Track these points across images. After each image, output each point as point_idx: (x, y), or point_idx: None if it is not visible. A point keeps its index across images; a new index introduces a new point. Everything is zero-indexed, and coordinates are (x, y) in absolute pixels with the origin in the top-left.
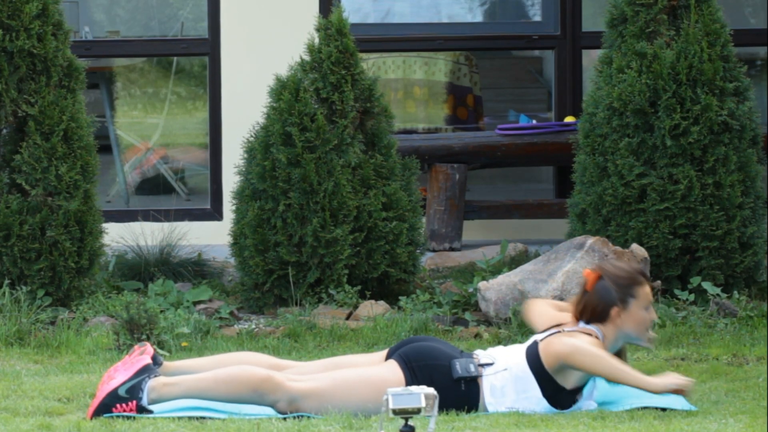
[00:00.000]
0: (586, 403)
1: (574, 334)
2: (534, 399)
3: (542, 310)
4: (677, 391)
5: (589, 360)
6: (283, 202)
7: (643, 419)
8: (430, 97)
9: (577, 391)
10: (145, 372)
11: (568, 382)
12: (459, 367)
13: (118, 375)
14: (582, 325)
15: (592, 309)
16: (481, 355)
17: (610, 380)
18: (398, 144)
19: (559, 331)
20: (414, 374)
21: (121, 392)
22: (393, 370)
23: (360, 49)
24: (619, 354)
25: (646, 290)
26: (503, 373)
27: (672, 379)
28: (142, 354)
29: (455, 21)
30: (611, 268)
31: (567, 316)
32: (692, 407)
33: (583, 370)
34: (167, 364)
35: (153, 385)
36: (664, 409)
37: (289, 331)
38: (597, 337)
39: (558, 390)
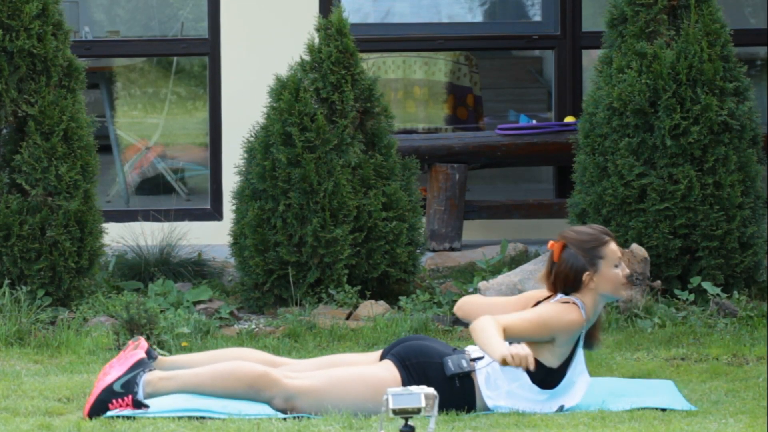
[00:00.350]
0: (580, 377)
1: (545, 305)
2: (526, 385)
3: (494, 301)
4: (506, 363)
5: (475, 337)
6: (283, 202)
7: (643, 419)
8: (430, 97)
9: (565, 366)
10: (139, 366)
11: (550, 360)
12: (451, 364)
13: (113, 371)
14: (560, 296)
15: (564, 278)
16: (472, 350)
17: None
18: (398, 144)
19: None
20: (409, 372)
21: (117, 387)
22: (388, 368)
23: (360, 49)
24: (597, 321)
25: (612, 248)
26: (493, 365)
27: (505, 350)
28: (136, 348)
29: (455, 21)
30: (574, 235)
31: (544, 292)
32: (692, 407)
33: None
34: (163, 359)
35: (148, 379)
36: (664, 410)
37: (289, 331)
38: (575, 305)
39: (546, 372)
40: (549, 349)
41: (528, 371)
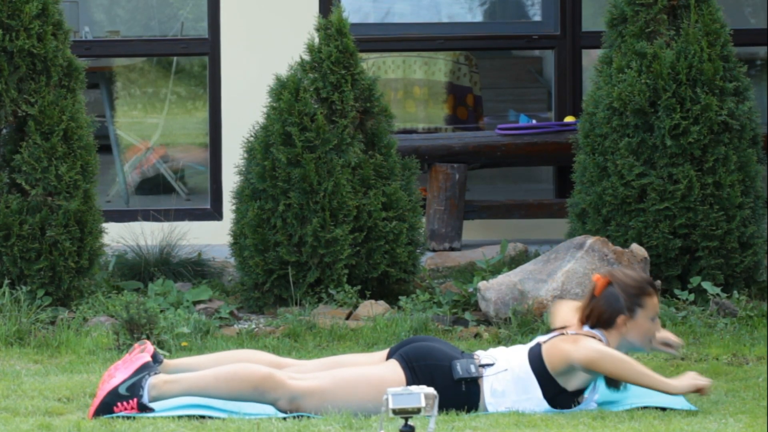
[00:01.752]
0: (587, 404)
1: (578, 337)
2: (535, 400)
3: (562, 313)
4: (698, 391)
5: (616, 365)
6: (283, 202)
7: (643, 419)
8: (430, 96)
9: (579, 392)
10: (145, 369)
11: (571, 384)
12: (460, 367)
13: (118, 373)
14: (586, 329)
15: (599, 315)
16: (482, 355)
17: (635, 384)
18: (398, 144)
19: (562, 334)
20: (415, 374)
21: (122, 390)
22: (394, 369)
23: (360, 49)
24: None
25: (654, 301)
26: (504, 374)
27: (689, 380)
28: (143, 352)
29: (455, 21)
30: (621, 276)
31: (572, 320)
32: (692, 407)
33: (608, 374)
34: (168, 362)
35: (154, 382)
36: (664, 409)
37: (289, 331)
38: (601, 341)
39: (559, 391)
40: (570, 372)
41: (543, 387)
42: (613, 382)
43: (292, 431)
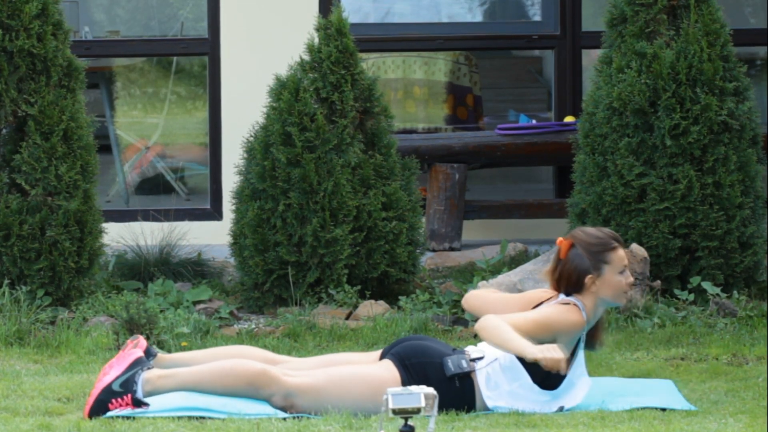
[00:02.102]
0: (581, 378)
1: (547, 306)
2: (526, 386)
3: (501, 297)
4: (541, 364)
5: (491, 333)
6: (283, 202)
7: (643, 419)
8: (429, 96)
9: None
10: (137, 365)
11: None
12: (451, 364)
13: (112, 370)
14: (562, 297)
15: (568, 278)
16: (472, 350)
17: (504, 348)
18: (398, 144)
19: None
20: (409, 372)
21: (115, 387)
22: (388, 368)
23: (360, 49)
24: (598, 322)
25: (619, 254)
26: (494, 364)
27: (537, 351)
28: (135, 347)
29: (455, 21)
30: (582, 235)
31: (547, 292)
32: (692, 407)
33: (495, 346)
34: (162, 357)
35: (147, 377)
36: (664, 409)
37: (289, 330)
38: (576, 306)
39: (546, 373)
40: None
41: (530, 372)
42: (589, 344)
43: (292, 431)
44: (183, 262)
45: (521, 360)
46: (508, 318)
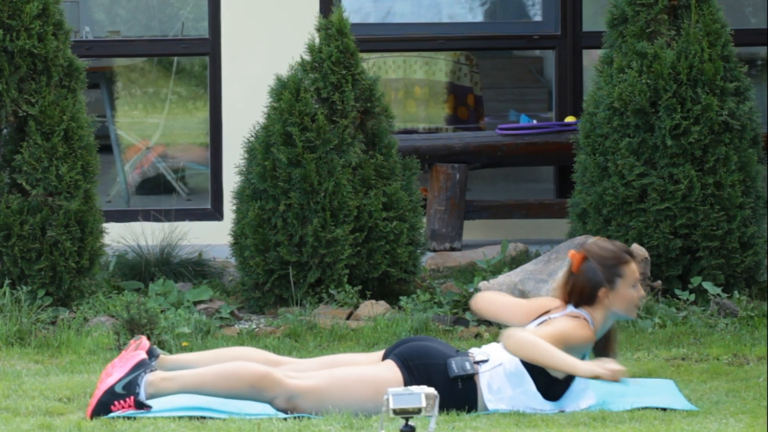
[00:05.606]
0: (584, 392)
1: (560, 320)
2: (530, 393)
3: (510, 301)
4: (596, 377)
5: (528, 351)
6: (284, 202)
7: (644, 419)
8: (430, 96)
9: (570, 379)
10: (140, 367)
11: (556, 371)
12: (455, 365)
13: (114, 372)
14: (570, 309)
15: (580, 291)
16: (476, 352)
17: (550, 366)
18: (399, 144)
19: (546, 320)
20: (411, 373)
21: (118, 389)
22: (391, 369)
23: (360, 49)
24: (609, 333)
25: (632, 268)
26: (498, 369)
27: (595, 366)
28: (137, 348)
29: (456, 21)
30: (596, 249)
31: (554, 302)
32: (693, 407)
33: (532, 362)
34: (165, 358)
35: (150, 379)
36: (664, 409)
37: (290, 331)
38: (585, 320)
39: (551, 382)
40: None
41: (534, 379)
42: (602, 356)
43: (293, 431)
44: (184, 262)
45: (528, 367)
46: (532, 332)
